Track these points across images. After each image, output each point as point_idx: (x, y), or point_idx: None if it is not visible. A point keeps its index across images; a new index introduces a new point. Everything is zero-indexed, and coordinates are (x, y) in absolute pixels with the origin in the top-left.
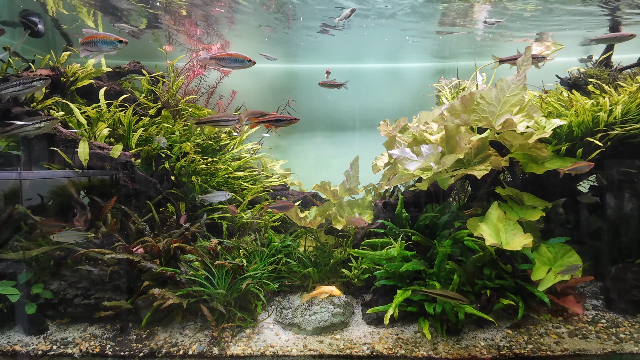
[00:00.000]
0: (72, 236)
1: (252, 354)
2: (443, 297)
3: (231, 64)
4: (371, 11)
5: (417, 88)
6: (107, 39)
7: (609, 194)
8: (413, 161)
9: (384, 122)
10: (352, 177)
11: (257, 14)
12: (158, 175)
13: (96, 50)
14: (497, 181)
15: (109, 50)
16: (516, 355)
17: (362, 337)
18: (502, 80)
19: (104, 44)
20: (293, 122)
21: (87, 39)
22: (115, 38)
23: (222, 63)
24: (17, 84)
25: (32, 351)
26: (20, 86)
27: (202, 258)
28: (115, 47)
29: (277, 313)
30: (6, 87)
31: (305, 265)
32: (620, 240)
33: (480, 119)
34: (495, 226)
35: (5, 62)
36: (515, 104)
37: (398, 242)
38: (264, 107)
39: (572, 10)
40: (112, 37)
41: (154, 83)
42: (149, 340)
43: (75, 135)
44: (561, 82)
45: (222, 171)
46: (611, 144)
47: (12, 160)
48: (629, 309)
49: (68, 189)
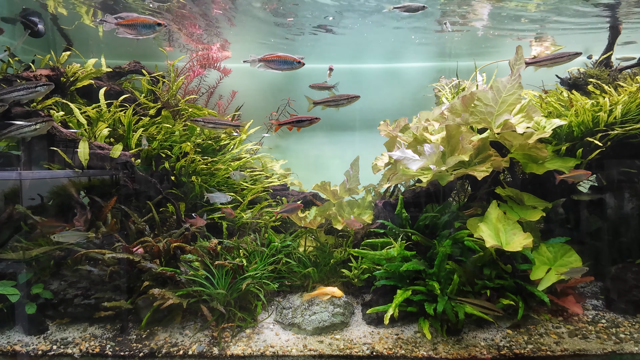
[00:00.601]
0: (73, 236)
1: (252, 354)
2: (477, 306)
3: (281, 65)
4: (372, 10)
5: (417, 88)
6: (147, 22)
7: (609, 194)
8: (415, 161)
9: (384, 122)
10: (353, 177)
11: (257, 15)
12: (158, 175)
13: (135, 34)
14: (497, 181)
15: (148, 33)
16: (516, 355)
17: (362, 337)
18: (497, 81)
19: (143, 28)
20: (314, 121)
21: (127, 22)
22: (154, 21)
23: (271, 65)
24: (21, 88)
25: (32, 351)
26: (24, 91)
27: (202, 258)
28: (154, 31)
29: (277, 313)
30: (10, 91)
31: (305, 265)
32: (620, 240)
33: (479, 120)
34: (494, 226)
35: (5, 62)
36: (512, 103)
37: (398, 242)
38: (264, 107)
39: (573, 10)
40: (151, 20)
41: (154, 83)
42: (149, 340)
43: (75, 135)
44: (561, 82)
45: (222, 171)
46: (611, 144)
47: (12, 160)
48: (629, 309)
49: (68, 189)
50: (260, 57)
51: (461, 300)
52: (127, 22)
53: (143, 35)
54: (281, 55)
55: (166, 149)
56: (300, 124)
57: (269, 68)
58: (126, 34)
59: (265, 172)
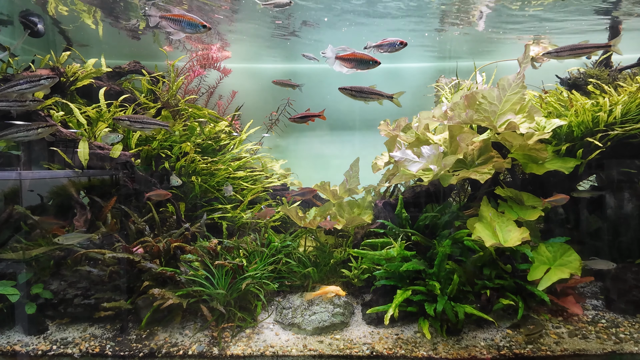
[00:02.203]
0: (77, 238)
1: (252, 354)
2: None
3: (359, 65)
4: (373, 11)
5: (417, 88)
6: (193, 21)
7: (609, 194)
8: (415, 162)
9: (384, 122)
10: (352, 177)
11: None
12: (158, 175)
13: (179, 29)
14: (497, 181)
15: (191, 32)
16: (516, 355)
17: (362, 337)
18: (503, 79)
19: (188, 26)
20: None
21: (173, 16)
22: (200, 22)
23: (346, 64)
24: (24, 82)
25: (32, 351)
26: (27, 84)
27: (202, 258)
28: (197, 31)
29: (277, 313)
30: (13, 85)
31: (305, 265)
32: (620, 240)
33: (483, 119)
34: (490, 225)
35: (5, 62)
36: (516, 102)
37: (398, 242)
38: (264, 107)
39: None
40: (197, 21)
41: (154, 83)
42: (149, 340)
43: (75, 135)
44: (561, 82)
45: (222, 171)
46: (611, 144)
47: (12, 160)
48: (629, 309)
49: (68, 189)
50: (336, 54)
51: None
52: (173, 17)
53: (186, 33)
54: (357, 54)
55: (166, 149)
56: (304, 120)
57: (347, 68)
58: (170, 28)
59: (265, 172)
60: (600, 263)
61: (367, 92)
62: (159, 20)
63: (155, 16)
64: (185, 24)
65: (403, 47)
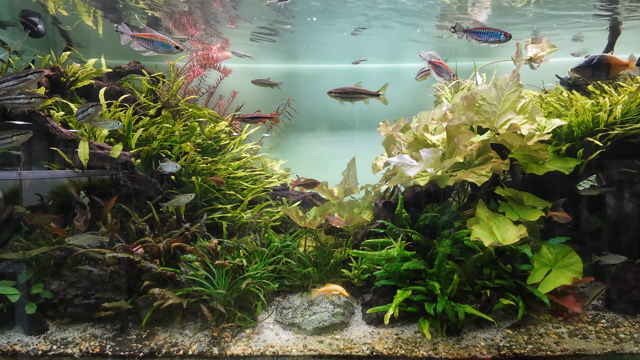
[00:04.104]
0: (87, 240)
1: (252, 354)
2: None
3: (444, 74)
4: (374, 10)
5: (417, 88)
6: (166, 42)
7: (609, 194)
8: (412, 167)
9: (384, 123)
10: (350, 177)
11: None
12: (158, 175)
13: (151, 49)
14: (497, 181)
15: (163, 52)
16: (516, 355)
17: (362, 337)
18: (500, 78)
19: (161, 45)
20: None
21: (146, 35)
22: (172, 43)
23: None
24: (11, 78)
25: (32, 351)
26: (14, 80)
27: (202, 258)
28: (170, 51)
29: (277, 313)
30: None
31: (305, 265)
32: (620, 240)
33: (483, 120)
34: (487, 225)
35: (6, 62)
36: (514, 101)
37: (398, 242)
38: (264, 107)
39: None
40: (171, 42)
41: (154, 83)
42: (149, 340)
43: (75, 135)
44: (561, 82)
45: (222, 171)
46: (611, 144)
47: (12, 160)
48: (629, 309)
49: (68, 189)
50: (429, 59)
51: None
52: (145, 36)
53: (159, 52)
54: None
55: (166, 149)
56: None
57: (437, 74)
58: (142, 47)
59: (265, 172)
60: (612, 257)
61: (351, 92)
62: (131, 39)
63: (128, 35)
64: (157, 44)
65: (507, 40)
